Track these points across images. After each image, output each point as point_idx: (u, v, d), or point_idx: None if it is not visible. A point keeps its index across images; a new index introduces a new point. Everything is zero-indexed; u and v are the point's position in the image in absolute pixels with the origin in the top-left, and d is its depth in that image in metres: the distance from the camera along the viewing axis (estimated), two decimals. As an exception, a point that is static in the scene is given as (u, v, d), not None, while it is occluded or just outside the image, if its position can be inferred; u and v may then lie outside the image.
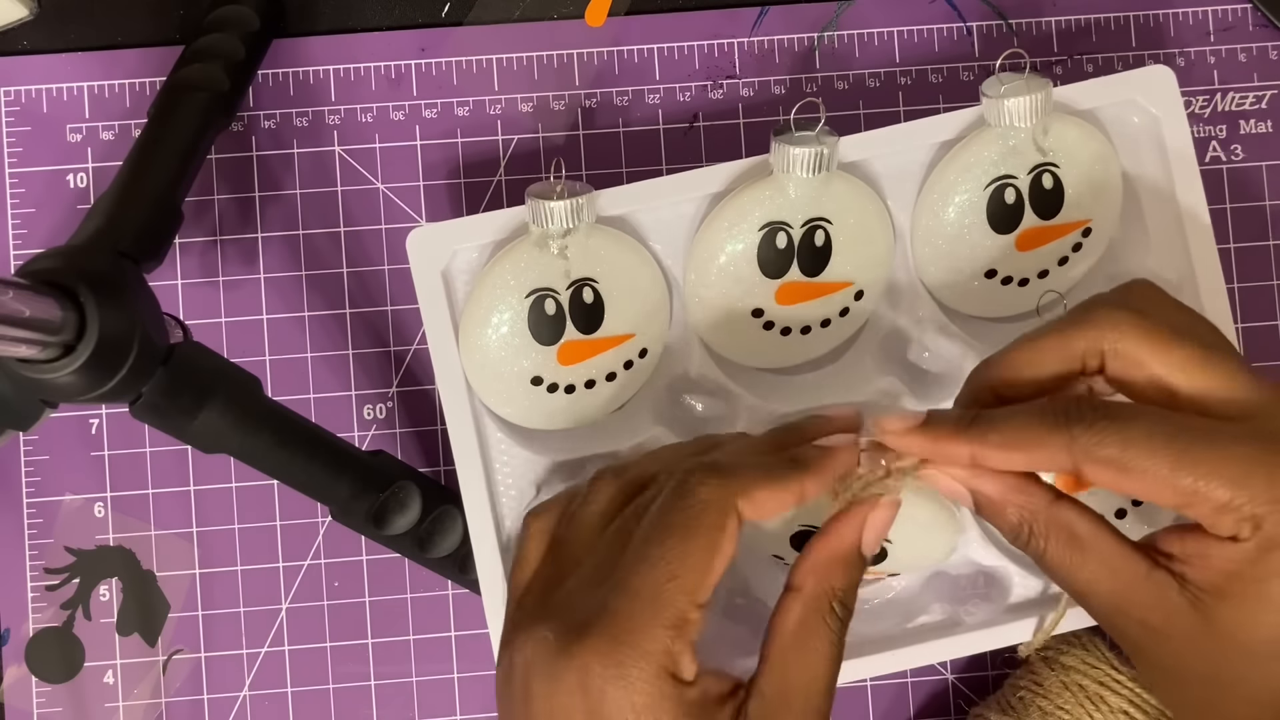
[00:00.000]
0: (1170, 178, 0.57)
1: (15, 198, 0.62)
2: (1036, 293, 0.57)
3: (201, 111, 0.57)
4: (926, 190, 0.56)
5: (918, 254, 0.57)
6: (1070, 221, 0.57)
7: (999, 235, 0.56)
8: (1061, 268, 0.58)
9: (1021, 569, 0.57)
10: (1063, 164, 0.56)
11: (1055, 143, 0.55)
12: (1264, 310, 0.63)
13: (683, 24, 0.64)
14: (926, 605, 0.58)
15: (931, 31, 0.64)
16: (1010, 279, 0.57)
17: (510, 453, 0.57)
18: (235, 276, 0.63)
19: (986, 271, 0.57)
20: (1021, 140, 0.55)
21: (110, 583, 0.62)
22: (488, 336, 0.55)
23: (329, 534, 0.62)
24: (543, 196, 0.54)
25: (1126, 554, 0.44)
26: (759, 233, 0.55)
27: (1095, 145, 0.56)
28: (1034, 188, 0.56)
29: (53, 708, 0.61)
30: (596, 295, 0.55)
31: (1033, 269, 0.57)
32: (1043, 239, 0.57)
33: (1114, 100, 0.56)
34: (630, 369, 0.57)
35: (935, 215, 0.56)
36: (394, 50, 0.63)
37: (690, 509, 0.44)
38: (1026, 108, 0.54)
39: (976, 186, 0.56)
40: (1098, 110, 0.57)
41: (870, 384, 0.57)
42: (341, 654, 0.62)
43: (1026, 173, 0.56)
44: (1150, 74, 0.56)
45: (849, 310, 0.57)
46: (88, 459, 0.62)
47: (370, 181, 0.63)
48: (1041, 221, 0.56)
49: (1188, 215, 0.57)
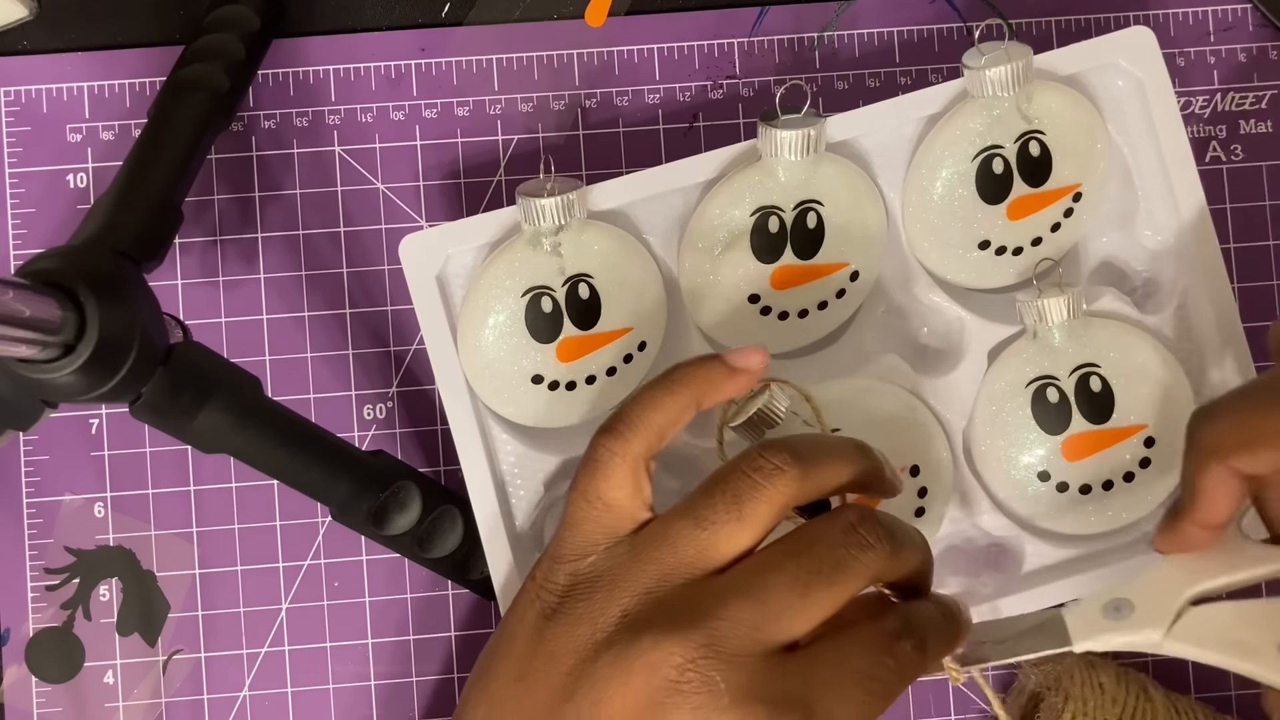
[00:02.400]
0: (1157, 138, 0.57)
1: (15, 198, 0.62)
2: (1031, 261, 0.58)
3: (201, 111, 0.57)
4: (915, 166, 0.57)
5: (910, 230, 0.58)
6: (1060, 187, 0.57)
7: (990, 206, 0.57)
8: (1055, 234, 0.58)
9: (1034, 538, 0.58)
10: (1049, 130, 0.56)
11: (1040, 109, 0.56)
12: (1264, 310, 0.63)
13: (682, 24, 0.64)
14: (942, 579, 0.58)
15: (931, 31, 0.64)
16: (1004, 249, 0.57)
17: (517, 453, 0.57)
18: (235, 276, 0.63)
19: (980, 243, 0.57)
20: (1006, 109, 0.55)
21: (110, 583, 0.62)
22: (486, 337, 0.55)
23: (329, 534, 0.62)
24: (533, 194, 0.54)
25: None
26: (751, 218, 0.55)
27: (1080, 110, 0.56)
28: (1021, 156, 0.56)
29: (53, 708, 0.61)
30: (592, 290, 0.56)
31: (1026, 237, 0.57)
32: (1034, 206, 0.57)
33: (1096, 64, 0.57)
34: (630, 363, 0.57)
35: (925, 190, 0.57)
36: (394, 50, 0.63)
37: (595, 468, 0.49)
38: (1008, 76, 0.54)
39: (964, 158, 0.56)
40: (1081, 75, 0.57)
41: (871, 363, 0.57)
42: (341, 654, 0.62)
43: (1013, 141, 0.56)
44: (1131, 35, 0.56)
45: (845, 291, 0.57)
46: (88, 459, 0.62)
47: (370, 181, 0.63)
48: (1031, 189, 0.57)
49: (1176, 174, 0.57)
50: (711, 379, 0.51)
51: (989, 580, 0.58)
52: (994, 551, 0.59)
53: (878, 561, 0.46)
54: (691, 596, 0.46)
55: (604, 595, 0.47)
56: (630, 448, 0.49)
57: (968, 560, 0.59)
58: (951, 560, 0.58)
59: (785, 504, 0.47)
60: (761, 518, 0.47)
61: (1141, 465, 0.57)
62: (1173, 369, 0.57)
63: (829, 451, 0.49)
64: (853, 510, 0.47)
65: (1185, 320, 0.58)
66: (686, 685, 0.44)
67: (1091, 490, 0.57)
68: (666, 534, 0.47)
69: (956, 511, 0.58)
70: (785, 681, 0.44)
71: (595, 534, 0.49)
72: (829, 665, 0.45)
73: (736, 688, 0.44)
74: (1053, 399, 0.56)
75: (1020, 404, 0.56)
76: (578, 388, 0.56)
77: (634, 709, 0.45)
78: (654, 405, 0.50)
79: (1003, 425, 0.57)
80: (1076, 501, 0.57)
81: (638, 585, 0.47)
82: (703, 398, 0.51)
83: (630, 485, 0.49)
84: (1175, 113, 0.57)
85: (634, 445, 0.49)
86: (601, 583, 0.48)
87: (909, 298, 0.58)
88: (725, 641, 0.44)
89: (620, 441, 0.49)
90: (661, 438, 0.50)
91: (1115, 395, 0.56)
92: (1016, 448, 0.56)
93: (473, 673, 0.50)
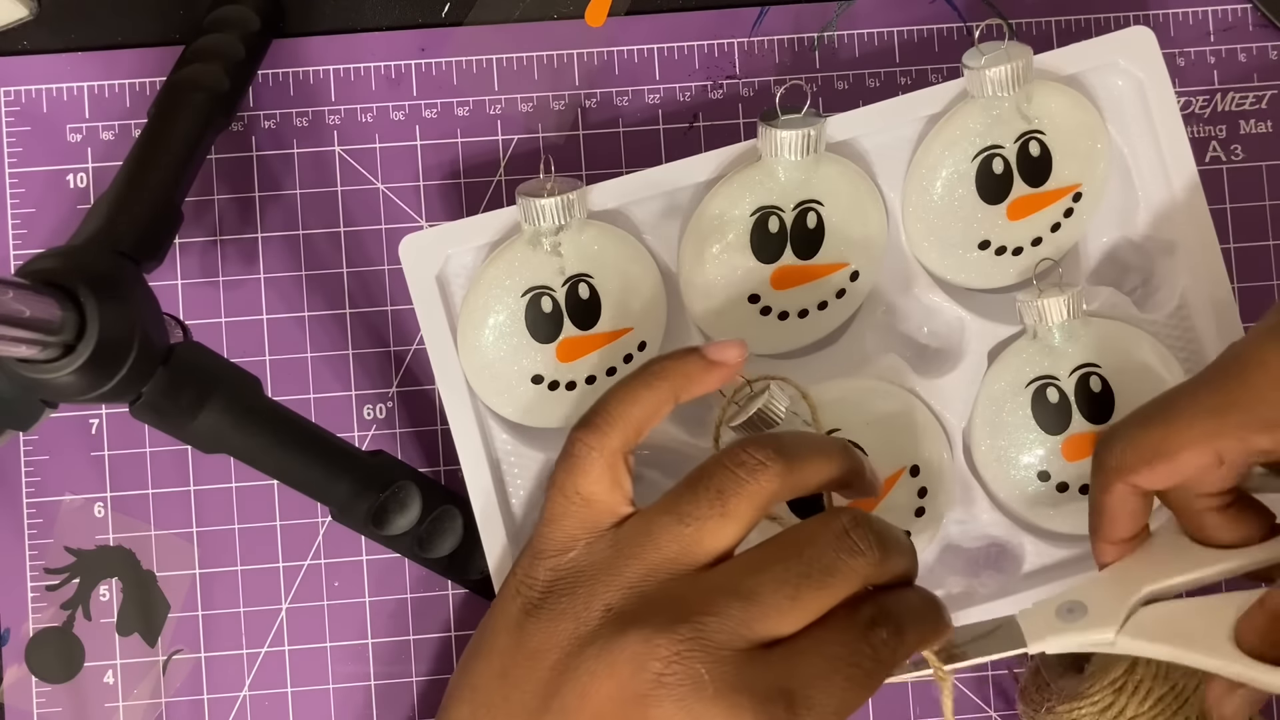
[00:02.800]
0: (1157, 137, 0.57)
1: (15, 198, 0.62)
2: (1031, 261, 0.58)
3: (201, 111, 0.57)
4: (915, 166, 0.57)
5: (910, 230, 0.58)
6: (1060, 187, 0.57)
7: (990, 206, 0.57)
8: (1055, 234, 0.58)
9: (1034, 539, 0.58)
10: (1049, 130, 0.56)
11: (1039, 109, 0.56)
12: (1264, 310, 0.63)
13: (682, 24, 0.64)
14: (942, 579, 0.58)
15: (931, 31, 0.64)
16: (1004, 249, 0.57)
17: (518, 453, 0.57)
18: (235, 276, 0.63)
19: (980, 243, 0.57)
20: (1005, 110, 0.55)
21: (110, 583, 0.62)
22: (486, 337, 0.55)
23: (329, 534, 0.62)
24: (533, 194, 0.54)
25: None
26: (750, 218, 0.55)
27: (1080, 109, 0.56)
28: (1021, 156, 0.56)
29: (53, 708, 0.61)
30: (592, 291, 0.56)
31: (1026, 237, 0.57)
32: (1034, 206, 0.57)
33: (1096, 64, 0.57)
34: (630, 363, 0.57)
35: (925, 191, 0.57)
36: (394, 50, 0.63)
37: (572, 463, 0.49)
38: (1008, 76, 0.54)
39: (964, 159, 0.56)
40: (1081, 75, 0.57)
41: (871, 363, 0.57)
42: (341, 654, 0.62)
43: (1013, 141, 0.56)
44: (1131, 35, 0.56)
45: (845, 291, 0.57)
46: (88, 459, 0.62)
47: (370, 181, 0.63)
48: (1031, 189, 0.56)
49: (1176, 174, 0.57)
50: (689, 372, 0.51)
51: (989, 580, 0.58)
52: (994, 551, 0.59)
53: (868, 567, 0.46)
54: (678, 593, 0.46)
55: (586, 590, 0.47)
56: (607, 442, 0.49)
57: (968, 560, 0.59)
58: (951, 560, 0.58)
59: (769, 500, 0.47)
60: (745, 513, 0.47)
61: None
62: (1172, 369, 0.57)
63: (813, 449, 0.49)
64: (846, 514, 0.47)
65: (1185, 320, 0.58)
66: (671, 678, 0.44)
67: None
68: (649, 529, 0.47)
69: (956, 511, 0.58)
70: (768, 673, 0.44)
71: (575, 529, 0.49)
72: (809, 655, 0.45)
73: (721, 680, 0.44)
74: (1053, 399, 0.56)
75: (1020, 404, 0.56)
76: (578, 387, 0.56)
77: (619, 702, 0.45)
78: (631, 399, 0.50)
79: (1003, 425, 0.57)
80: (1077, 501, 0.57)
81: (621, 580, 0.47)
82: (680, 391, 0.51)
83: (609, 479, 0.49)
84: (1175, 113, 0.57)
85: (611, 439, 0.49)
86: (584, 578, 0.48)
87: (909, 298, 0.58)
88: (711, 637, 0.44)
89: (597, 436, 0.49)
90: (639, 432, 0.50)
91: (1115, 395, 0.56)
92: (1016, 448, 0.57)
93: (456, 670, 0.50)
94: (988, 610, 0.56)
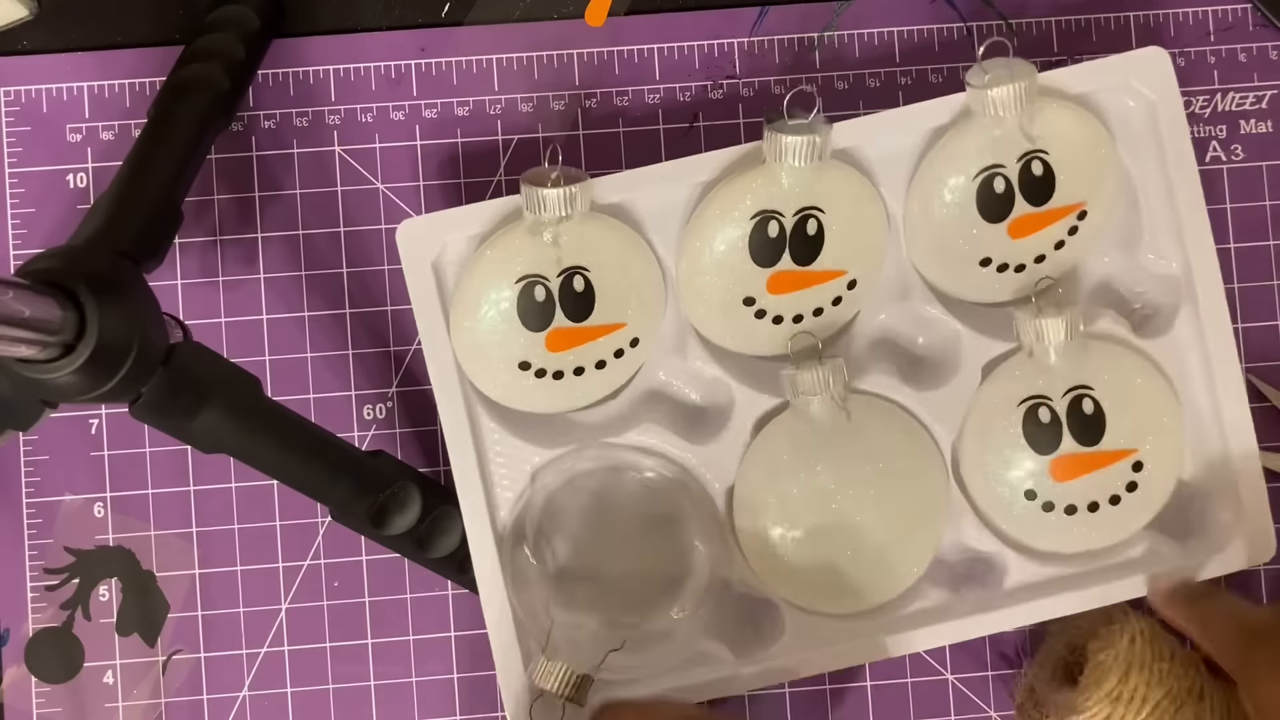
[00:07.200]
0: (1166, 161, 0.57)
1: (15, 198, 0.62)
2: (1032, 278, 0.57)
3: (201, 111, 0.57)
4: (916, 181, 0.57)
5: (910, 244, 0.57)
6: (1064, 205, 0.56)
7: (990, 224, 0.56)
8: (1058, 252, 0.57)
9: (1017, 554, 0.57)
10: (1053, 149, 0.56)
11: (1044, 129, 0.55)
12: (1264, 310, 0.63)
13: (682, 24, 0.64)
14: (924, 592, 0.58)
15: (931, 31, 0.64)
16: (1005, 266, 0.57)
17: (504, 442, 0.57)
18: (235, 276, 0.63)
19: (981, 260, 0.57)
20: (1008, 129, 0.55)
21: (110, 583, 0.62)
22: (477, 319, 0.55)
23: (329, 534, 0.62)
24: (537, 183, 0.54)
25: None
26: (750, 221, 0.55)
27: (1088, 129, 0.56)
28: (1024, 176, 0.56)
29: (53, 708, 0.61)
30: (587, 284, 0.55)
31: (1028, 255, 0.57)
32: (1036, 225, 0.57)
33: (1108, 84, 0.56)
34: (621, 357, 0.57)
35: (926, 206, 0.56)
36: (394, 50, 0.63)
37: None
38: (1011, 96, 0.54)
39: (965, 177, 0.56)
40: (1091, 94, 0.57)
41: (864, 371, 0.57)
42: (341, 654, 0.62)
43: (1015, 161, 0.56)
44: (1145, 56, 0.56)
45: (841, 299, 0.57)
46: (88, 459, 0.62)
47: (370, 181, 0.63)
48: (1034, 208, 0.56)
49: (1184, 200, 0.57)
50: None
51: (969, 594, 0.58)
52: (978, 567, 0.59)
53: None
54: None
55: None
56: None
57: (950, 574, 0.58)
58: (934, 573, 0.58)
59: None
60: None
61: (1129, 489, 0.57)
62: (1167, 395, 0.57)
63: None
64: None
65: (1182, 348, 0.58)
66: None
67: (1077, 511, 0.57)
68: None
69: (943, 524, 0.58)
70: None
71: None
72: None
73: None
74: (1044, 419, 0.56)
75: (1011, 421, 0.56)
76: (565, 378, 0.56)
77: None
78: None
79: (993, 441, 0.56)
80: (1062, 521, 0.57)
81: None
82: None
83: None
84: (1186, 136, 0.56)
85: None
86: None
87: (905, 308, 0.58)
88: None
89: None
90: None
91: (1107, 418, 0.56)
92: (1005, 465, 0.56)
93: None
94: (967, 626, 0.56)
